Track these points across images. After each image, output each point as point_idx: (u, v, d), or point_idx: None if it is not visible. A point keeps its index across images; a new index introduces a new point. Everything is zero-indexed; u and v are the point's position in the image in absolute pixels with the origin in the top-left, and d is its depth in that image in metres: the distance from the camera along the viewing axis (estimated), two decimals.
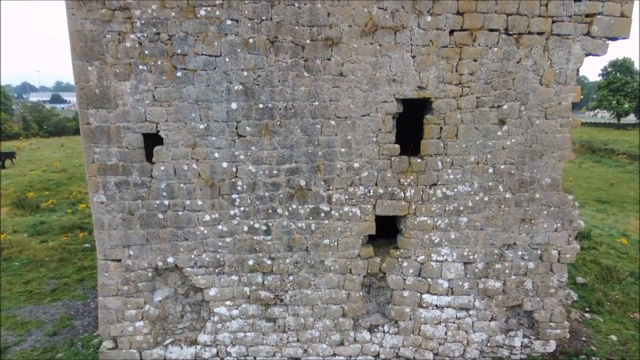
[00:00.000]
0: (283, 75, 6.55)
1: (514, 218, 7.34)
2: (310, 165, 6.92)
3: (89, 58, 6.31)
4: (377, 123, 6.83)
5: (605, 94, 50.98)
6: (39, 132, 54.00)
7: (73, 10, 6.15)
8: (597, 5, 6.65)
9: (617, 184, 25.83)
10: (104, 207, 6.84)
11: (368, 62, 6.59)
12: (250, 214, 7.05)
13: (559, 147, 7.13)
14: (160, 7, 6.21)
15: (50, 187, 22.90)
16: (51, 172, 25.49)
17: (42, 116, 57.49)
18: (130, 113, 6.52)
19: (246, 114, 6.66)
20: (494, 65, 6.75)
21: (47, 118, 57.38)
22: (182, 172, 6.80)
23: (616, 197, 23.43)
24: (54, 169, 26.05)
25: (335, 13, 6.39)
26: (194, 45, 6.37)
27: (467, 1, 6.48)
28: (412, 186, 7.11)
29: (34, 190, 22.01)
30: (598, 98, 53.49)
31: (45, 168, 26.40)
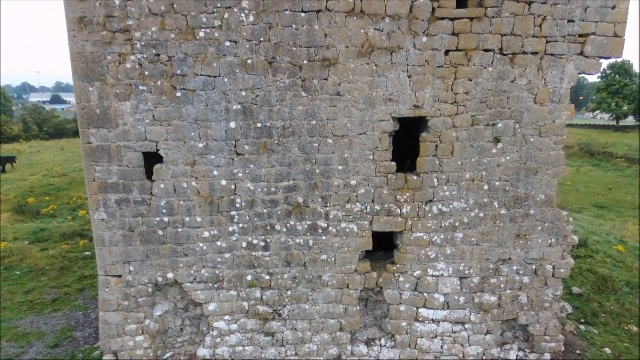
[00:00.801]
0: (281, 95, 6.66)
1: (509, 234, 7.45)
2: (308, 183, 7.02)
3: (90, 79, 6.42)
4: (374, 141, 6.93)
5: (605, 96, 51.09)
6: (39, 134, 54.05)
7: (74, 32, 6.25)
8: (591, 25, 6.75)
9: (615, 189, 25.95)
10: (105, 225, 6.94)
11: (365, 82, 6.70)
12: (249, 230, 7.15)
13: (553, 164, 7.24)
14: (160, 29, 6.32)
15: (51, 192, 23.00)
16: (52, 177, 25.57)
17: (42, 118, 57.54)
18: (131, 132, 6.63)
19: (245, 133, 6.77)
20: (489, 84, 6.85)
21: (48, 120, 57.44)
22: (182, 189, 6.90)
23: (614, 202, 23.55)
24: (54, 173, 26.15)
25: (332, 34, 6.49)
26: (193, 66, 6.47)
27: (462, 22, 6.58)
28: (409, 203, 7.21)
29: (35, 196, 22.11)
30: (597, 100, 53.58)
31: (45, 173, 26.49)
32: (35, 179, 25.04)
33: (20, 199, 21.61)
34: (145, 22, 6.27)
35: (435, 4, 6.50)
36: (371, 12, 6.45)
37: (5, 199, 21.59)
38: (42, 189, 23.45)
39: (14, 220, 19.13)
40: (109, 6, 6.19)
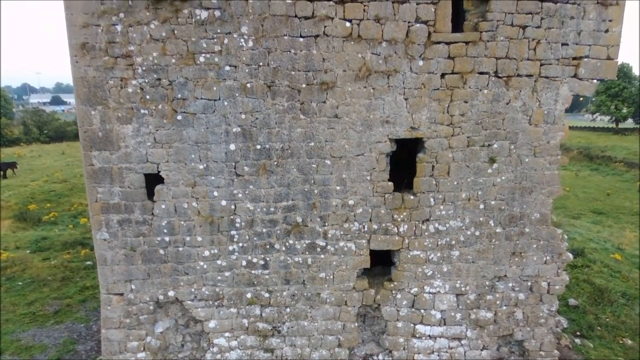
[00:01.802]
0: (280, 117, 6.78)
1: (504, 251, 7.57)
2: (306, 203, 7.14)
3: (92, 103, 6.54)
4: (371, 162, 7.05)
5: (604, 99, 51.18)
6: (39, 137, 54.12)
7: (77, 58, 6.37)
8: (584, 48, 6.88)
9: (613, 194, 26.05)
10: (107, 244, 7.06)
11: (362, 105, 6.82)
12: (248, 249, 7.27)
13: (547, 183, 7.36)
14: (161, 54, 6.44)
15: (52, 198, 23.13)
16: (52, 183, 25.71)
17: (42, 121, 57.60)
18: (132, 154, 6.75)
19: (244, 155, 6.89)
20: (484, 106, 6.97)
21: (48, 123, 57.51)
22: (183, 210, 7.02)
23: (612, 208, 23.65)
24: (55, 179, 26.28)
25: (330, 59, 6.61)
26: (193, 90, 6.59)
27: (457, 46, 6.70)
28: (406, 222, 7.33)
29: (36, 202, 22.23)
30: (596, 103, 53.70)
31: (46, 178, 26.62)
32: (36, 185, 25.17)
33: (22, 205, 21.74)
34: (147, 48, 6.39)
35: (431, 29, 6.62)
36: (368, 37, 6.57)
37: (6, 206, 21.72)
38: (43, 195, 23.57)
39: (16, 228, 19.26)
40: (111, 32, 6.31)
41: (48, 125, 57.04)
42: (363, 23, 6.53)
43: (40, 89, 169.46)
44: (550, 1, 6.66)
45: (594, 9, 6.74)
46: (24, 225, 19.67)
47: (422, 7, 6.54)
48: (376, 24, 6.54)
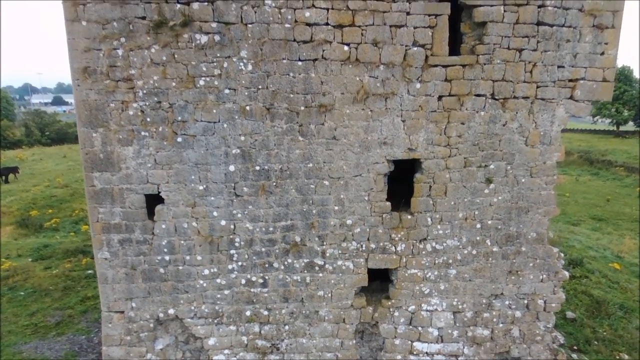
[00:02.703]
0: (279, 139, 6.86)
1: (501, 270, 7.65)
2: (305, 223, 7.23)
3: (94, 125, 6.63)
4: (369, 183, 7.13)
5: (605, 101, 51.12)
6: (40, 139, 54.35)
7: (79, 81, 6.46)
8: (580, 71, 6.95)
9: (613, 200, 26.10)
10: (108, 263, 7.15)
11: (360, 127, 6.90)
12: (247, 268, 7.36)
13: (544, 203, 7.43)
14: (161, 78, 6.52)
15: (53, 204, 23.25)
16: (54, 188, 25.82)
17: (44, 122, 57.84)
18: (133, 176, 6.84)
19: (243, 176, 6.97)
20: (481, 127, 7.05)
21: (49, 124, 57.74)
22: (183, 229, 7.11)
23: (612, 214, 23.70)
24: (56, 184, 26.39)
25: (328, 82, 6.69)
26: (193, 113, 6.68)
27: (454, 69, 6.78)
28: (403, 241, 7.41)
29: (37, 208, 22.37)
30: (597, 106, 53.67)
31: (48, 183, 26.75)
32: (38, 190, 25.29)
33: (23, 211, 21.88)
34: (147, 71, 6.48)
35: (428, 52, 6.70)
36: (366, 60, 6.65)
37: (8, 212, 21.86)
38: (45, 200, 23.69)
39: (17, 234, 19.41)
40: (112, 56, 6.40)
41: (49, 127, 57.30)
42: (361, 47, 6.61)
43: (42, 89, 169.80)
44: (546, 25, 6.73)
45: (590, 32, 6.81)
46: (26, 231, 19.82)
47: (419, 31, 6.61)
48: (374, 48, 6.62)
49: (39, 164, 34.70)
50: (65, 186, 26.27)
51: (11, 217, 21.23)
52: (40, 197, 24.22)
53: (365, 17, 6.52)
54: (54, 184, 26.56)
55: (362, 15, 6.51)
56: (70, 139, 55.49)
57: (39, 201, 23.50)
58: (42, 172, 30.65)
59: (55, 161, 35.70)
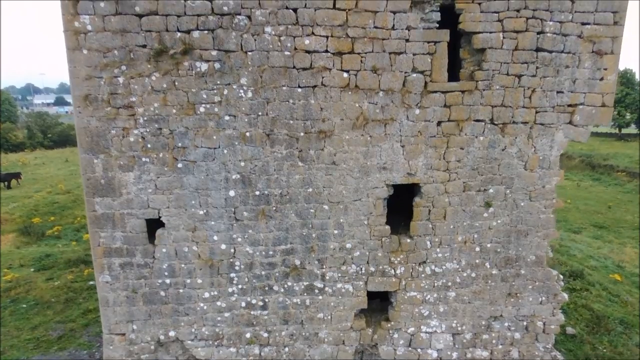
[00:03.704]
0: (278, 165, 6.90)
1: (500, 292, 7.67)
2: (304, 246, 7.27)
3: (95, 152, 6.68)
4: (369, 207, 7.17)
5: None
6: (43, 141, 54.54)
7: (80, 109, 6.51)
8: (579, 96, 6.96)
9: (614, 206, 26.05)
10: (109, 286, 7.21)
11: (359, 152, 6.93)
12: (247, 290, 7.40)
13: (543, 226, 7.45)
14: (162, 105, 6.57)
15: (55, 211, 23.35)
16: (56, 194, 25.91)
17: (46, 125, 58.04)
18: (134, 201, 6.88)
19: (243, 200, 7.02)
20: (480, 152, 7.07)
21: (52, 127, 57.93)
22: (183, 253, 7.16)
23: (613, 221, 23.67)
24: (58, 190, 26.49)
25: (327, 108, 6.72)
26: (194, 139, 6.72)
27: (453, 95, 6.80)
28: (402, 264, 7.44)
29: (39, 215, 22.46)
30: None
31: (50, 189, 26.84)
32: (40, 197, 25.38)
33: (26, 218, 21.97)
34: (148, 99, 6.53)
35: (427, 78, 6.73)
36: (365, 87, 6.68)
37: (11, 219, 21.96)
38: (47, 207, 23.78)
39: (20, 242, 19.53)
40: (113, 84, 6.45)
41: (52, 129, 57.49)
42: (360, 73, 6.64)
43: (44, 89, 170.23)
44: (545, 51, 6.75)
45: (589, 58, 6.82)
46: (28, 239, 19.93)
47: (418, 58, 6.64)
48: (373, 75, 6.65)
49: (41, 168, 34.84)
50: (67, 192, 26.36)
51: (14, 225, 21.32)
52: (43, 203, 24.31)
53: (364, 44, 6.55)
54: (56, 190, 26.66)
55: (361, 42, 6.54)
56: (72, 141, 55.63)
57: (41, 208, 23.59)
58: (44, 178, 30.75)
59: (57, 165, 35.81)
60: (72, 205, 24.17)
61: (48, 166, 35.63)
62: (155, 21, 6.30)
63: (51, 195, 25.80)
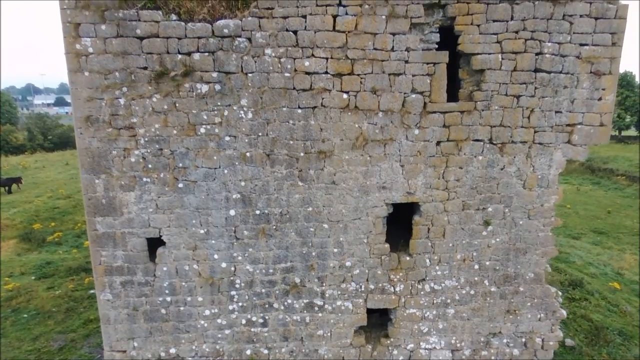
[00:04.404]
0: (278, 184, 6.94)
1: (499, 309, 7.72)
2: (304, 264, 7.31)
3: (96, 172, 6.72)
4: (368, 226, 7.21)
5: None
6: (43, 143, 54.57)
7: (81, 129, 6.55)
8: (578, 116, 7.00)
9: (614, 211, 26.09)
10: (110, 304, 7.25)
11: (359, 172, 6.97)
12: (248, 308, 7.45)
13: (541, 244, 7.49)
14: (163, 126, 6.61)
15: (56, 216, 23.39)
16: (56, 199, 25.95)
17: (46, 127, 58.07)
18: (135, 220, 6.93)
19: (244, 220, 7.06)
20: (479, 171, 7.11)
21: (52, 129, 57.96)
22: (184, 271, 7.20)
23: (613, 227, 23.70)
24: (59, 195, 26.52)
25: (327, 129, 6.77)
26: (194, 159, 6.76)
27: (452, 115, 6.85)
28: (402, 281, 7.49)
29: (40, 220, 22.49)
30: None
31: (50, 194, 26.87)
32: (41, 202, 25.42)
33: (27, 224, 22.01)
34: (149, 120, 6.57)
35: (426, 99, 6.77)
36: (365, 108, 6.73)
37: (11, 225, 22.00)
38: (48, 212, 23.82)
39: (21, 249, 19.56)
40: (114, 105, 6.49)
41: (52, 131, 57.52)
42: (360, 94, 6.69)
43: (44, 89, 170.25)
44: (544, 71, 6.79)
45: (587, 78, 6.86)
46: (29, 246, 19.97)
47: (417, 79, 6.68)
48: (373, 96, 6.69)
49: (42, 172, 34.87)
50: (68, 197, 26.39)
51: (14, 231, 21.36)
52: (43, 208, 24.35)
53: (364, 65, 6.59)
54: (57, 195, 26.69)
55: (361, 64, 6.58)
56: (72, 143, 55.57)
57: (41, 213, 23.62)
58: (44, 182, 30.79)
59: (57, 169, 35.85)
60: (72, 211, 24.21)
61: (48, 170, 35.66)
62: (156, 43, 6.34)
63: (52, 200, 25.84)
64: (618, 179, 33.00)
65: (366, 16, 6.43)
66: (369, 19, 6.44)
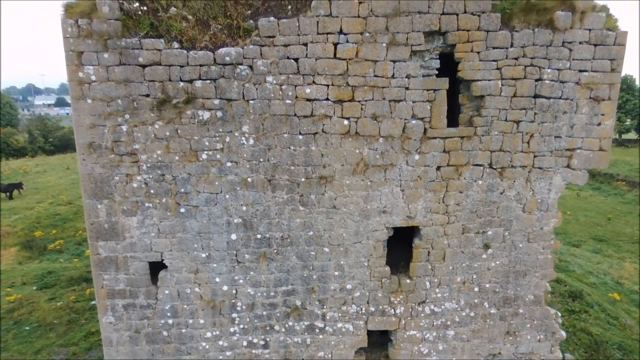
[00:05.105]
0: (280, 209, 6.99)
1: (499, 331, 7.76)
2: (305, 287, 7.36)
3: (99, 197, 6.77)
4: (369, 249, 7.26)
5: None
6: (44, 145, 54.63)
7: (84, 156, 6.60)
8: (577, 141, 7.04)
9: (614, 218, 26.12)
10: (112, 327, 7.30)
11: (360, 196, 7.02)
12: (249, 330, 7.50)
13: (541, 267, 7.54)
14: (165, 152, 6.66)
15: (57, 223, 23.46)
16: (57, 205, 26.01)
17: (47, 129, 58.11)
18: (137, 244, 6.98)
19: (245, 244, 7.11)
20: (479, 196, 7.16)
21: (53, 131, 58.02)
22: (185, 294, 7.25)
23: (613, 234, 23.73)
24: (60, 201, 26.58)
25: (328, 154, 6.81)
26: (196, 185, 6.81)
27: (452, 140, 6.89)
28: (402, 304, 7.54)
29: (41, 228, 22.57)
30: None
31: (51, 200, 26.94)
32: (42, 208, 25.48)
33: (28, 231, 22.08)
34: (151, 146, 6.62)
35: (426, 125, 6.81)
36: (365, 134, 6.77)
37: (13, 232, 22.07)
38: (49, 219, 23.88)
39: (22, 257, 19.64)
40: (117, 132, 6.54)
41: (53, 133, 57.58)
42: (360, 121, 6.73)
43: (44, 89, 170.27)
44: (543, 97, 6.83)
45: (587, 104, 6.90)
46: (30, 254, 20.05)
47: (418, 105, 6.73)
48: (373, 122, 6.74)
49: (43, 176, 34.92)
50: (69, 203, 26.44)
51: (16, 238, 21.44)
52: (44, 215, 24.40)
53: (364, 92, 6.64)
54: (58, 201, 26.75)
55: (361, 90, 6.63)
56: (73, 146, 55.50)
57: (42, 220, 23.69)
58: (45, 187, 30.84)
59: (58, 174, 35.89)
60: (73, 217, 24.27)
61: (49, 174, 35.72)
62: (159, 71, 6.38)
63: (53, 207, 25.89)
64: (618, 184, 33.05)
65: (367, 44, 6.47)
66: (370, 46, 6.48)
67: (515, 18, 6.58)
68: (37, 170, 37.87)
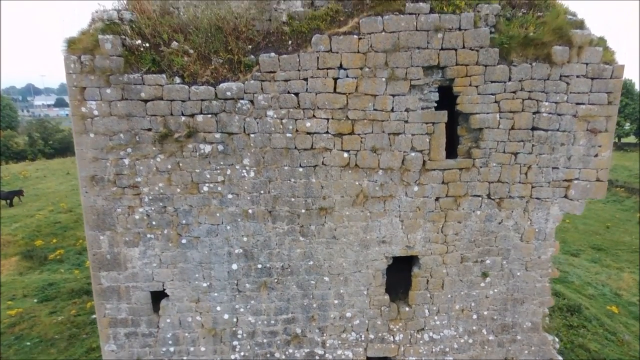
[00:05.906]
0: (280, 239, 7.06)
1: (497, 357, 7.84)
2: (305, 316, 7.43)
3: (101, 229, 6.84)
4: (368, 278, 7.33)
5: None
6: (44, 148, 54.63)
7: (86, 188, 6.67)
8: (574, 172, 7.12)
9: (613, 226, 26.20)
10: (114, 355, 7.37)
11: (359, 227, 7.09)
12: (249, 357, 7.57)
13: (539, 294, 7.62)
14: (166, 185, 6.73)
15: (57, 231, 23.52)
16: (58, 213, 26.06)
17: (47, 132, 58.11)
18: (139, 275, 7.05)
19: (246, 273, 7.18)
20: (477, 226, 7.23)
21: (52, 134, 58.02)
22: (187, 323, 7.32)
23: (611, 243, 23.82)
24: (60, 208, 26.63)
25: (328, 186, 6.88)
26: (197, 216, 6.88)
27: (451, 172, 6.96)
28: (401, 331, 7.61)
29: (42, 236, 22.63)
30: None
31: (52, 207, 26.99)
32: (42, 216, 25.53)
33: (28, 240, 22.14)
34: (153, 179, 6.69)
35: (425, 157, 6.88)
36: (365, 166, 6.84)
37: (13, 241, 22.13)
38: (49, 227, 23.94)
39: (23, 268, 19.71)
40: (119, 165, 6.61)
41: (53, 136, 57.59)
42: (360, 153, 6.80)
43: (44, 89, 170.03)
44: (541, 129, 6.91)
45: (584, 135, 6.98)
46: (31, 264, 20.13)
47: (417, 138, 6.80)
48: (373, 154, 6.81)
49: (43, 182, 34.97)
50: (69, 211, 26.50)
51: (16, 247, 21.50)
52: (45, 223, 24.46)
53: (364, 126, 6.71)
54: (58, 209, 26.81)
55: (361, 124, 6.70)
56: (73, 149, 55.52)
57: (43, 228, 23.75)
58: (45, 193, 30.89)
59: (58, 179, 35.94)
60: (74, 226, 24.32)
61: (49, 179, 35.76)
62: (160, 106, 6.45)
63: (53, 215, 25.94)
64: (617, 190, 33.10)
65: (366, 79, 6.54)
66: (369, 81, 6.55)
67: (514, 52, 6.65)
68: (37, 175, 37.92)
